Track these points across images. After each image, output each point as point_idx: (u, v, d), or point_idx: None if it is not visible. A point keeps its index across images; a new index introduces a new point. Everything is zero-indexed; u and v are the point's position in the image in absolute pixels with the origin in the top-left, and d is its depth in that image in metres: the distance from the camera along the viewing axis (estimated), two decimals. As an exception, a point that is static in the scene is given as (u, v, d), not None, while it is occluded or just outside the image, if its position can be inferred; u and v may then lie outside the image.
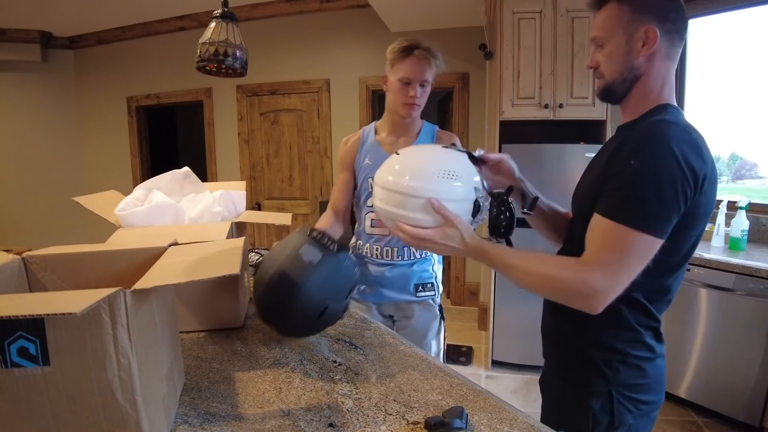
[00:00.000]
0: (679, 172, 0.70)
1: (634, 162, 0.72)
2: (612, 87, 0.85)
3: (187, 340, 1.02)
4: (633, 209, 0.72)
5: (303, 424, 0.70)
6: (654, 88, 0.83)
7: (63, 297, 0.52)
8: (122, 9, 3.91)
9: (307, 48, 3.96)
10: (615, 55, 0.83)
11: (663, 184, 0.70)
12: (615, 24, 0.83)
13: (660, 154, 0.71)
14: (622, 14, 0.82)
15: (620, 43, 0.82)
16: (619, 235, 0.72)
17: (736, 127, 2.79)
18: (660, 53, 0.81)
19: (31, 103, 4.60)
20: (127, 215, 1.11)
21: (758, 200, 2.51)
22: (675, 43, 0.82)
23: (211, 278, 0.60)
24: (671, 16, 0.80)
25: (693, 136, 0.73)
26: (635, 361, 0.82)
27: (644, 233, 0.71)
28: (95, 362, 0.53)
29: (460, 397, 0.78)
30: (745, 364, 2.00)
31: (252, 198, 4.30)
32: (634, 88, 0.84)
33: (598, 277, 0.72)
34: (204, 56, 1.59)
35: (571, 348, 0.89)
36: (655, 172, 0.71)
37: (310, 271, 0.88)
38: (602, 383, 0.83)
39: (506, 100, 2.57)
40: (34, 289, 0.76)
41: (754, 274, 1.96)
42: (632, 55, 0.82)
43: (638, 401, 0.82)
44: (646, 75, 0.82)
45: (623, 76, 0.83)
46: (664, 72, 0.83)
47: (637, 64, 0.82)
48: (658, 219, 0.71)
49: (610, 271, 0.72)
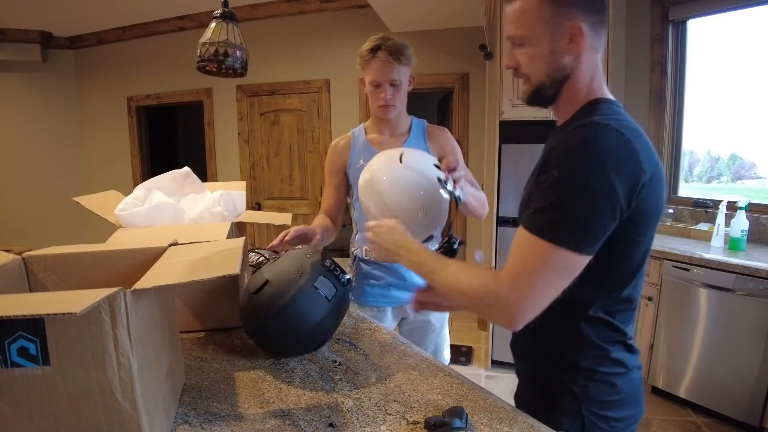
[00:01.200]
0: (607, 184, 0.63)
1: (557, 172, 0.66)
2: (541, 90, 0.78)
3: (187, 340, 1.02)
4: (551, 223, 0.66)
5: (303, 424, 0.70)
6: (583, 85, 0.76)
7: (63, 297, 0.52)
8: (122, 9, 3.91)
9: (307, 48, 3.96)
10: (539, 55, 0.75)
11: (585, 197, 0.64)
12: (535, 20, 0.73)
13: (585, 163, 0.64)
14: (543, 8, 0.73)
15: (544, 41, 0.74)
16: (534, 249, 0.67)
17: (736, 127, 2.79)
18: (587, 48, 0.73)
19: (31, 103, 4.60)
20: (127, 215, 1.11)
21: (758, 200, 2.51)
22: (600, 33, 0.75)
23: (211, 278, 0.60)
24: (596, 6, 0.73)
25: (626, 136, 0.66)
26: (605, 378, 0.76)
27: (562, 248, 0.64)
28: (95, 362, 0.53)
29: (460, 397, 0.78)
30: (745, 364, 2.00)
31: (252, 198, 4.30)
32: (564, 89, 0.77)
33: (506, 289, 0.67)
34: (204, 56, 1.59)
35: (540, 366, 0.84)
36: (577, 184, 0.64)
37: (323, 307, 0.89)
38: (571, 401, 0.77)
39: (506, 100, 2.57)
40: (34, 289, 0.76)
41: (753, 274, 1.96)
42: (558, 54, 0.74)
43: (611, 419, 0.76)
44: (575, 73, 0.75)
45: (551, 77, 0.76)
46: (593, 65, 0.76)
47: (564, 63, 0.74)
48: (578, 234, 0.65)
49: (521, 285, 0.66)
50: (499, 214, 2.65)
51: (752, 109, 2.63)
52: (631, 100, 2.99)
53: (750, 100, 2.64)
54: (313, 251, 0.97)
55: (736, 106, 2.71)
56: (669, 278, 2.26)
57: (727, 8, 2.60)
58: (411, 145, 1.41)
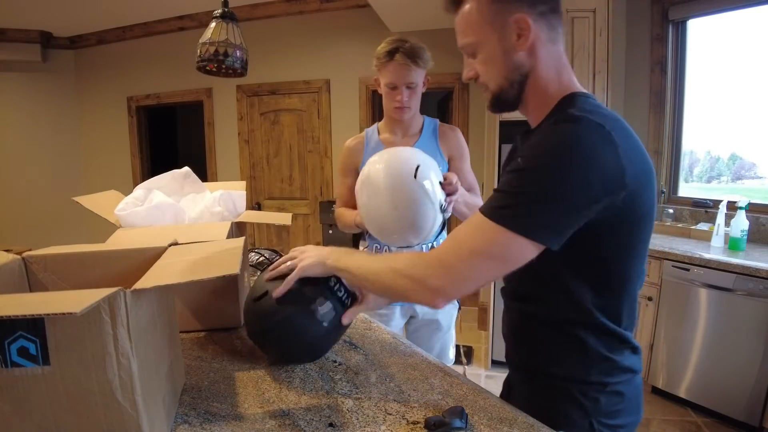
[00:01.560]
0: (576, 175, 0.60)
1: (522, 160, 0.63)
2: (501, 95, 0.75)
3: (187, 340, 1.02)
4: (500, 204, 0.63)
5: (303, 424, 0.70)
6: (549, 80, 0.72)
7: (63, 297, 0.52)
8: (122, 9, 3.91)
9: (307, 48, 3.96)
10: (492, 59, 0.73)
11: (549, 185, 0.60)
12: (480, 23, 0.72)
13: (556, 153, 0.61)
14: (485, 9, 0.71)
15: (493, 43, 0.71)
16: (476, 228, 0.64)
17: (736, 127, 2.79)
18: (541, 40, 0.70)
19: (31, 103, 4.60)
20: (127, 215, 1.11)
21: (758, 200, 2.51)
22: (554, 24, 0.71)
23: (211, 278, 0.60)
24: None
25: (606, 128, 0.62)
26: (614, 388, 0.74)
27: (506, 229, 0.61)
28: (95, 362, 0.53)
29: (460, 397, 0.78)
30: (745, 364, 2.00)
31: (252, 198, 4.30)
32: (527, 88, 0.73)
33: (434, 261, 0.65)
34: (204, 56, 1.59)
35: (543, 379, 0.79)
36: (540, 169, 0.61)
37: (319, 329, 0.85)
38: (581, 415, 0.74)
39: (506, 100, 2.57)
40: (34, 289, 0.76)
41: (753, 274, 1.96)
42: (511, 53, 0.71)
43: (617, 426, 0.75)
44: (534, 70, 0.72)
45: (509, 79, 0.73)
46: (555, 58, 0.73)
47: (519, 61, 0.71)
48: (530, 216, 0.61)
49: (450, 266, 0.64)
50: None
51: (752, 109, 2.63)
52: (631, 100, 2.99)
53: (750, 100, 2.64)
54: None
55: (736, 106, 2.71)
56: (669, 278, 2.26)
57: (727, 8, 2.60)
58: (422, 145, 1.42)
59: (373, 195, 1.12)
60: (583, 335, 0.73)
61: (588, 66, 2.55)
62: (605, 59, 2.53)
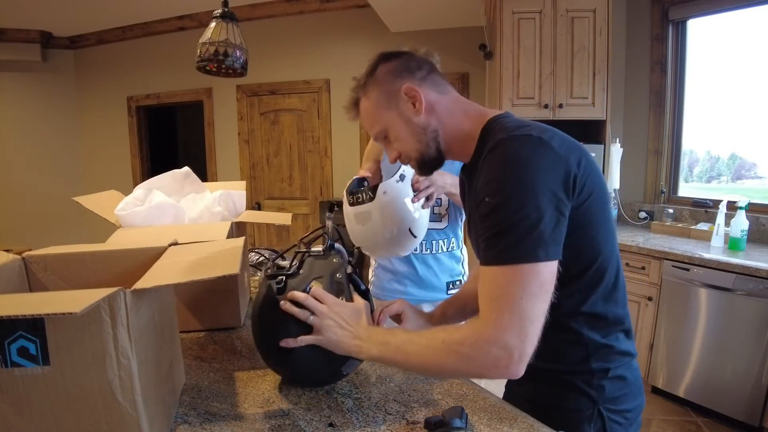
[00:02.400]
0: (539, 187, 0.63)
1: (488, 198, 0.65)
2: (425, 158, 0.80)
3: (187, 340, 1.02)
4: (506, 247, 0.63)
5: (303, 424, 0.70)
6: (460, 123, 0.79)
7: (63, 297, 0.52)
8: (122, 9, 3.91)
9: (307, 48, 3.96)
10: (401, 133, 0.80)
11: (526, 208, 0.62)
12: (377, 110, 0.80)
13: (511, 178, 0.64)
14: (375, 98, 0.80)
15: (395, 120, 0.79)
16: (504, 279, 0.63)
17: (736, 127, 2.79)
18: (432, 98, 0.78)
19: (32, 103, 4.60)
20: (127, 215, 1.11)
21: (758, 200, 2.51)
22: (436, 81, 0.80)
23: (211, 278, 0.60)
24: (413, 65, 0.78)
25: (534, 137, 0.66)
26: (616, 372, 0.76)
27: (527, 264, 0.62)
28: (95, 362, 0.53)
29: (460, 397, 0.78)
30: (745, 364, 2.00)
31: (252, 198, 4.30)
32: (444, 142, 0.79)
33: (496, 331, 0.62)
34: (204, 56, 1.59)
35: (544, 376, 0.79)
36: (513, 201, 0.63)
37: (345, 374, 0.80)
38: (589, 404, 0.75)
39: (506, 100, 2.57)
40: (34, 289, 0.76)
41: (753, 274, 1.96)
42: (413, 120, 0.78)
43: (624, 411, 0.77)
44: (443, 123, 0.79)
45: (424, 142, 0.79)
46: (453, 104, 0.80)
47: (423, 123, 0.78)
48: (537, 244, 0.62)
49: (509, 320, 0.61)
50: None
51: (752, 109, 2.64)
52: (631, 99, 2.99)
53: (750, 100, 2.64)
54: (342, 264, 0.83)
55: (736, 106, 2.71)
56: (669, 278, 2.26)
57: (727, 8, 2.60)
58: None
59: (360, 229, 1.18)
60: (577, 326, 0.74)
61: (588, 66, 2.55)
62: (605, 59, 2.54)
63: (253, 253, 1.76)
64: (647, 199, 3.02)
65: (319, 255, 0.83)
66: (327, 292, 0.77)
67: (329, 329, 0.73)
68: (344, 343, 0.73)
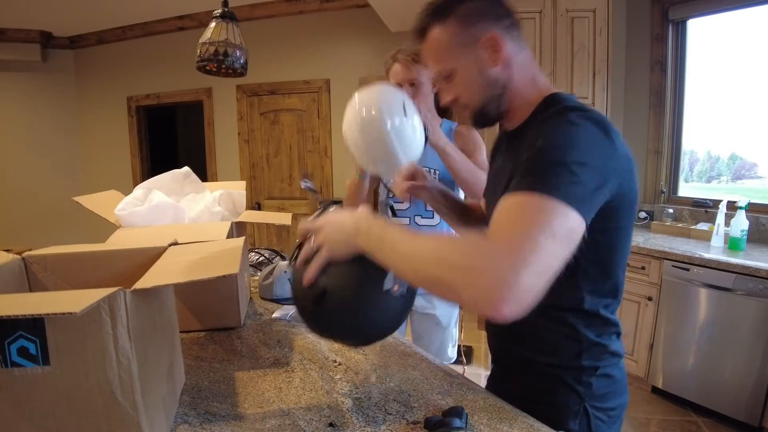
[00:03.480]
0: (598, 145, 0.61)
1: (541, 140, 0.62)
2: (484, 111, 0.76)
3: (187, 340, 1.02)
4: (544, 177, 0.57)
5: (303, 424, 0.70)
6: (527, 87, 0.75)
7: (63, 297, 0.52)
8: (122, 9, 3.91)
9: (307, 48, 3.96)
10: (470, 80, 0.74)
11: (572, 156, 0.58)
12: (451, 47, 0.73)
13: (564, 131, 0.62)
14: (453, 33, 0.73)
15: (468, 64, 0.73)
16: (531, 205, 0.55)
17: (736, 127, 2.79)
18: (511, 53, 0.73)
19: (31, 102, 4.60)
20: (127, 215, 1.11)
21: (758, 200, 2.51)
22: (516, 35, 0.74)
23: (211, 278, 0.60)
24: (500, 12, 0.73)
25: (602, 119, 0.65)
26: (605, 371, 0.76)
27: (559, 201, 0.54)
28: (95, 362, 0.53)
29: (460, 397, 0.78)
30: (745, 364, 2.00)
31: (252, 198, 4.30)
32: (507, 101, 0.76)
33: (499, 249, 0.51)
34: (204, 56, 1.59)
35: (537, 369, 0.80)
36: (560, 145, 0.60)
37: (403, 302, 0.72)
38: (576, 400, 0.76)
39: (506, 100, 2.57)
40: (34, 289, 0.76)
41: (753, 274, 1.96)
42: (487, 70, 0.73)
43: (609, 409, 0.78)
44: (512, 80, 0.74)
45: (489, 95, 0.75)
46: (527, 65, 0.75)
47: (496, 76, 0.73)
48: (577, 189, 0.56)
49: (521, 247, 0.50)
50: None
51: (752, 109, 2.63)
52: (631, 99, 2.99)
53: (750, 100, 2.63)
54: None
55: (736, 106, 2.71)
56: (669, 278, 2.26)
57: (727, 8, 2.60)
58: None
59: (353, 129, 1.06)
60: (574, 321, 0.75)
61: (588, 66, 2.55)
62: (605, 59, 2.53)
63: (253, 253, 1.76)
64: (647, 199, 3.02)
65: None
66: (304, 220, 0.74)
67: (329, 238, 0.67)
68: (347, 239, 0.65)
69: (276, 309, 1.23)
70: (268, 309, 1.24)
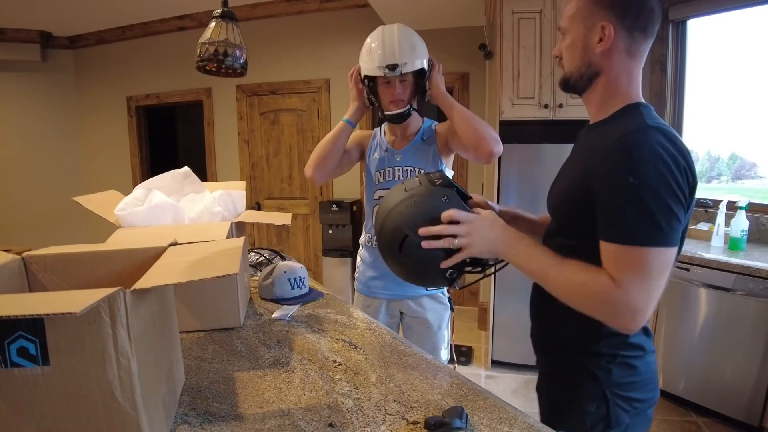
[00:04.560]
0: (673, 178, 0.68)
1: (632, 178, 0.69)
2: (570, 80, 0.85)
3: (187, 340, 1.02)
4: (638, 227, 0.69)
5: (303, 424, 0.70)
6: (619, 85, 0.81)
7: (63, 297, 0.52)
8: (122, 9, 3.91)
9: (307, 48, 3.96)
10: (573, 48, 0.83)
11: (661, 194, 0.68)
12: (577, 15, 0.81)
13: (651, 163, 0.69)
14: (583, 6, 0.80)
15: (579, 36, 0.81)
16: (635, 256, 0.70)
17: (736, 127, 2.79)
18: (618, 50, 0.79)
19: (31, 102, 4.60)
20: (127, 215, 1.11)
21: (758, 200, 2.50)
22: (637, 40, 0.79)
23: (211, 278, 0.60)
24: (632, 11, 0.77)
25: (670, 133, 0.72)
26: (625, 360, 0.81)
27: (659, 248, 0.69)
28: (95, 362, 0.52)
29: (460, 397, 0.78)
30: (745, 364, 2.00)
31: (252, 198, 4.30)
32: (596, 84, 0.82)
33: (628, 296, 0.69)
34: (204, 56, 1.59)
35: (559, 354, 0.89)
36: (650, 184, 0.68)
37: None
38: (595, 385, 0.81)
39: (506, 100, 2.57)
40: (34, 289, 0.76)
41: (753, 274, 1.96)
42: (589, 50, 0.80)
43: (633, 399, 0.81)
44: (605, 72, 0.81)
45: (580, 71, 0.82)
46: (628, 69, 0.80)
47: (594, 60, 0.80)
48: (665, 229, 0.69)
49: (640, 291, 0.69)
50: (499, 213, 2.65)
51: (752, 109, 2.63)
52: (631, 99, 2.98)
53: (750, 100, 2.63)
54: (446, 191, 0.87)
55: (736, 106, 2.71)
56: (669, 278, 2.25)
57: (727, 8, 2.60)
58: (413, 146, 1.49)
59: None
60: None
61: (588, 66, 2.54)
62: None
63: (253, 253, 1.76)
64: (647, 199, 3.02)
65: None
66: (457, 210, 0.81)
67: (477, 246, 0.80)
68: (494, 250, 0.81)
69: (276, 309, 1.23)
70: (267, 309, 1.24)
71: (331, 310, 1.23)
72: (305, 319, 1.16)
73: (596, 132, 0.83)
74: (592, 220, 0.75)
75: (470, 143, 1.30)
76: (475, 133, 1.29)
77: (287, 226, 1.26)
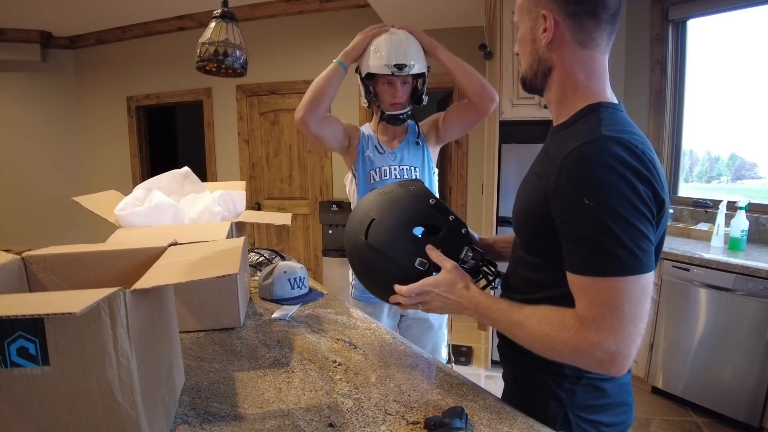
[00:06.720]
0: (634, 192, 0.60)
1: (587, 199, 0.61)
2: (527, 78, 0.78)
3: (187, 340, 1.02)
4: (605, 257, 0.61)
5: (303, 424, 0.70)
6: (576, 81, 0.72)
7: (63, 297, 0.52)
8: (122, 9, 3.91)
9: (307, 48, 3.95)
10: (523, 43, 0.77)
11: (623, 213, 0.60)
12: (523, 7, 0.75)
13: (606, 180, 0.60)
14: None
15: (526, 30, 0.75)
16: (606, 287, 0.61)
17: (736, 127, 2.79)
18: (565, 40, 0.70)
19: (31, 102, 4.60)
20: (127, 215, 1.11)
21: (758, 200, 2.50)
22: (587, 27, 0.69)
23: (210, 278, 0.60)
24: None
25: (630, 142, 0.63)
26: (592, 382, 0.74)
27: (631, 276, 0.60)
28: (95, 362, 0.52)
29: (460, 397, 0.78)
30: (745, 364, 2.00)
31: (252, 198, 4.30)
32: (551, 81, 0.75)
33: (603, 337, 0.61)
34: (204, 56, 1.59)
35: (525, 373, 0.82)
36: (608, 204, 0.60)
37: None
38: (557, 406, 0.75)
39: (506, 100, 2.57)
40: (34, 289, 0.76)
41: (753, 274, 1.96)
42: (537, 44, 0.73)
43: (600, 423, 0.74)
44: (557, 66, 0.73)
45: (533, 68, 0.76)
46: (583, 62, 0.71)
47: (542, 54, 0.73)
48: (635, 253, 0.60)
49: (613, 326, 0.60)
50: (499, 213, 2.65)
51: (752, 109, 2.63)
52: (631, 100, 2.99)
53: (750, 100, 2.63)
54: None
55: (736, 106, 2.71)
56: (669, 278, 2.26)
57: (727, 8, 2.60)
58: (406, 144, 1.53)
59: None
60: None
61: (588, 66, 2.54)
62: (605, 59, 2.53)
63: (253, 253, 1.76)
64: (647, 199, 3.02)
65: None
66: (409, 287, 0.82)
67: (438, 309, 0.82)
68: (454, 312, 0.81)
69: (276, 309, 1.23)
70: (267, 309, 1.24)
71: (331, 310, 1.23)
72: (305, 319, 1.16)
73: (557, 137, 0.74)
74: (553, 240, 0.68)
75: (475, 93, 1.45)
76: (480, 84, 1.46)
77: (287, 226, 1.26)
